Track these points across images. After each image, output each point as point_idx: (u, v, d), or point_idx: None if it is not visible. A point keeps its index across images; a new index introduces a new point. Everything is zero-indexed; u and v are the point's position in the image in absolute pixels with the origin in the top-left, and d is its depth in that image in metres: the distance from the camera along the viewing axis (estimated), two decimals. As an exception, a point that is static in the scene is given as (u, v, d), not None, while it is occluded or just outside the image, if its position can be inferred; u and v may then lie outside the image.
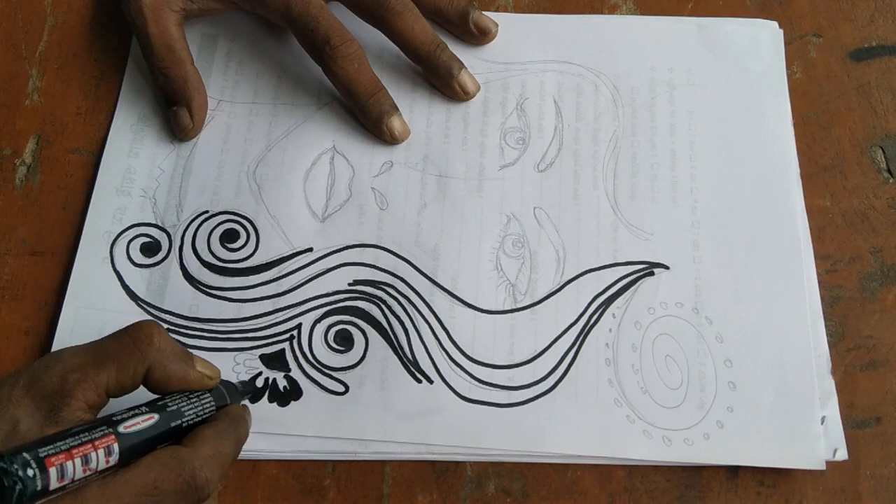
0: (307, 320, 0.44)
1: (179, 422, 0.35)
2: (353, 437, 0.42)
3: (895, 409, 0.43)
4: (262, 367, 0.43)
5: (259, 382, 0.43)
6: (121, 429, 0.32)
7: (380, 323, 0.44)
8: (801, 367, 0.43)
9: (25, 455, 0.28)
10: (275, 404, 0.43)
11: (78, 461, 0.30)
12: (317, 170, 0.48)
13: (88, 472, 0.30)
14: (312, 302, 0.45)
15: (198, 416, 0.36)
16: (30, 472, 0.28)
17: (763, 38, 0.52)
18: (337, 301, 0.45)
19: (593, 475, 0.42)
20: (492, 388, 0.43)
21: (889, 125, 0.50)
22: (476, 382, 0.43)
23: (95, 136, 0.49)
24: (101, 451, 0.31)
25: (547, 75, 0.50)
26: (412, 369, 0.43)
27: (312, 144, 0.49)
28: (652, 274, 0.45)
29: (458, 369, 0.43)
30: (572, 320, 0.44)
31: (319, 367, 0.43)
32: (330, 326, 0.44)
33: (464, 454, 0.42)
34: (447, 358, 0.44)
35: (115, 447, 0.31)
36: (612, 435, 0.42)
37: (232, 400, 0.39)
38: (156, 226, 0.46)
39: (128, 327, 0.36)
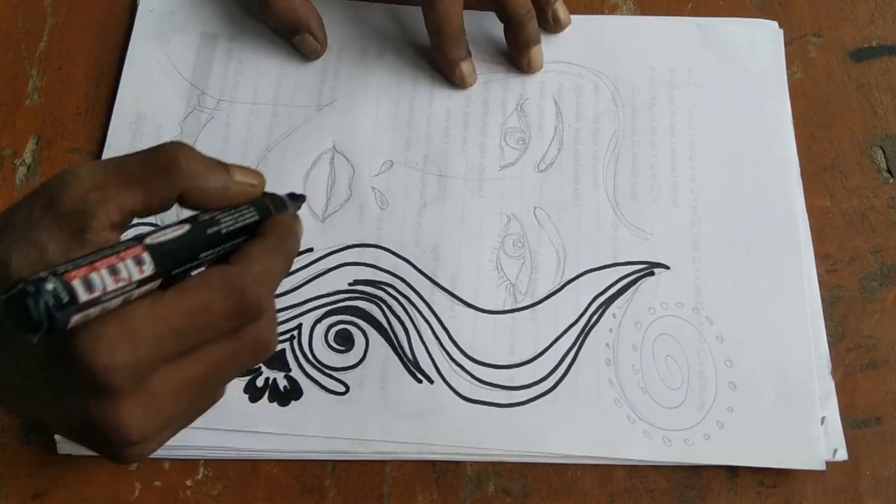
0: (307, 320, 0.44)
1: (217, 229, 0.32)
2: (353, 436, 0.42)
3: (895, 409, 0.43)
4: (262, 367, 0.43)
5: (259, 382, 0.43)
6: (148, 240, 0.29)
7: (380, 323, 0.44)
8: (801, 368, 0.43)
9: (43, 274, 0.26)
10: (275, 404, 0.43)
11: (105, 272, 0.27)
12: (317, 170, 0.48)
13: (122, 283, 0.28)
14: (313, 302, 0.45)
15: (237, 222, 0.33)
16: (49, 286, 0.26)
17: (763, 38, 0.52)
18: (337, 301, 0.45)
19: (593, 475, 0.42)
20: (492, 388, 0.43)
21: (889, 125, 0.50)
22: (476, 382, 0.43)
23: (95, 136, 0.49)
24: (129, 262, 0.28)
25: (547, 75, 0.50)
26: (412, 369, 0.43)
27: (312, 144, 0.49)
28: (652, 274, 0.45)
29: (458, 369, 0.43)
30: (572, 320, 0.44)
31: (320, 366, 0.43)
32: (330, 326, 0.44)
33: (464, 454, 0.42)
34: (447, 358, 0.44)
35: (146, 257, 0.29)
36: (612, 435, 0.42)
37: (277, 210, 0.35)
38: (155, 226, 0.46)
39: (153, 149, 0.32)
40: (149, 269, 0.29)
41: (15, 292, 0.25)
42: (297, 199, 0.38)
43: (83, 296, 0.26)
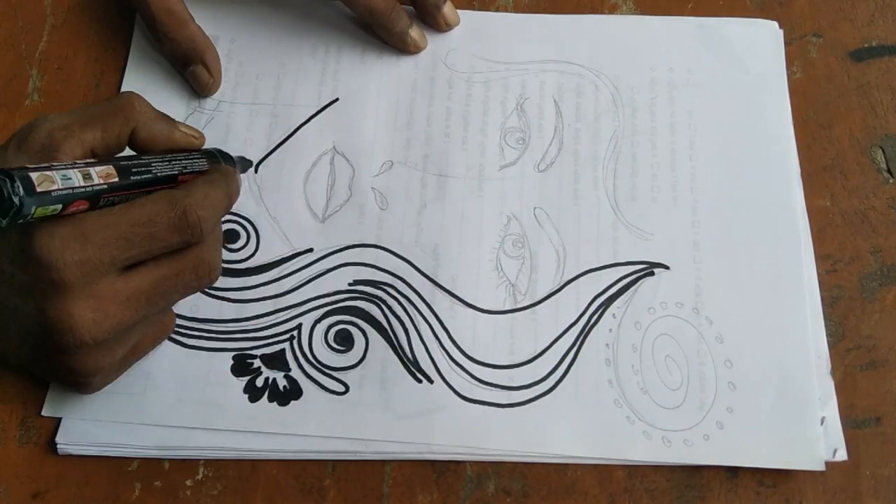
0: (307, 320, 0.44)
1: (173, 155, 0.38)
2: (353, 436, 0.42)
3: (895, 409, 0.43)
4: (262, 367, 0.43)
5: (259, 382, 0.43)
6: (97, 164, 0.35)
7: (380, 323, 0.44)
8: (801, 368, 0.43)
9: (12, 169, 0.31)
10: (275, 404, 0.43)
11: (56, 174, 0.32)
12: (317, 170, 0.48)
13: (78, 182, 0.33)
14: (313, 302, 0.45)
15: (186, 168, 0.39)
16: (18, 174, 0.31)
17: (763, 38, 0.51)
18: (337, 301, 0.45)
19: (593, 475, 0.42)
20: (492, 388, 0.43)
21: (889, 125, 0.50)
22: (476, 382, 0.43)
23: (95, 136, 0.49)
24: (87, 168, 0.34)
25: (547, 75, 0.50)
26: (412, 369, 0.43)
27: (312, 145, 0.49)
28: (652, 274, 0.45)
29: (458, 369, 0.43)
30: (572, 320, 0.44)
31: (320, 366, 0.43)
32: (330, 326, 0.44)
33: (464, 454, 0.42)
34: (447, 358, 0.44)
35: (92, 172, 0.34)
36: (611, 436, 0.42)
37: (224, 163, 0.42)
38: None
39: (111, 97, 0.38)
40: (94, 182, 0.34)
41: None
42: (245, 162, 0.45)
43: (45, 186, 0.32)
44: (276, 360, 0.44)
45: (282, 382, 0.43)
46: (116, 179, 0.35)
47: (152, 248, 0.36)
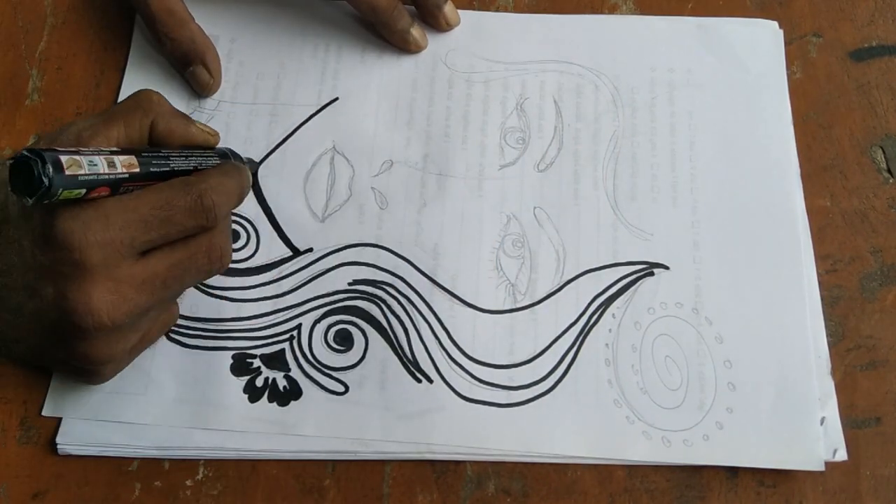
0: (307, 320, 0.44)
1: (190, 151, 0.40)
2: (353, 436, 0.42)
3: (895, 409, 0.43)
4: (261, 367, 0.43)
5: (259, 382, 0.43)
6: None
7: (380, 322, 0.44)
8: (801, 368, 0.43)
9: (42, 148, 0.33)
10: (274, 404, 0.43)
11: (84, 160, 0.34)
12: (317, 170, 0.48)
13: (94, 176, 0.34)
14: (312, 302, 0.45)
15: (200, 164, 0.41)
16: (48, 155, 0.32)
17: (763, 38, 0.51)
18: (337, 301, 0.45)
19: (593, 475, 0.42)
20: (492, 388, 0.43)
21: (889, 125, 0.50)
22: (476, 382, 0.43)
23: (95, 136, 0.49)
24: (111, 156, 0.35)
25: (547, 75, 0.50)
26: (412, 369, 0.43)
27: (312, 144, 0.49)
28: (652, 274, 0.45)
29: (458, 369, 0.43)
30: (572, 320, 0.44)
31: (319, 366, 0.43)
32: (330, 326, 0.44)
33: (463, 454, 0.42)
34: (447, 357, 0.44)
35: (117, 160, 0.35)
36: (611, 436, 0.42)
37: (235, 160, 0.44)
38: None
39: (131, 94, 0.40)
40: (125, 164, 0.36)
41: (21, 158, 0.32)
42: (253, 164, 0.47)
43: (73, 169, 0.33)
44: (276, 360, 0.44)
45: (281, 382, 0.43)
46: (137, 170, 0.36)
47: (169, 231, 0.37)
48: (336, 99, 0.50)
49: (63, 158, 0.33)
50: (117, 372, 0.41)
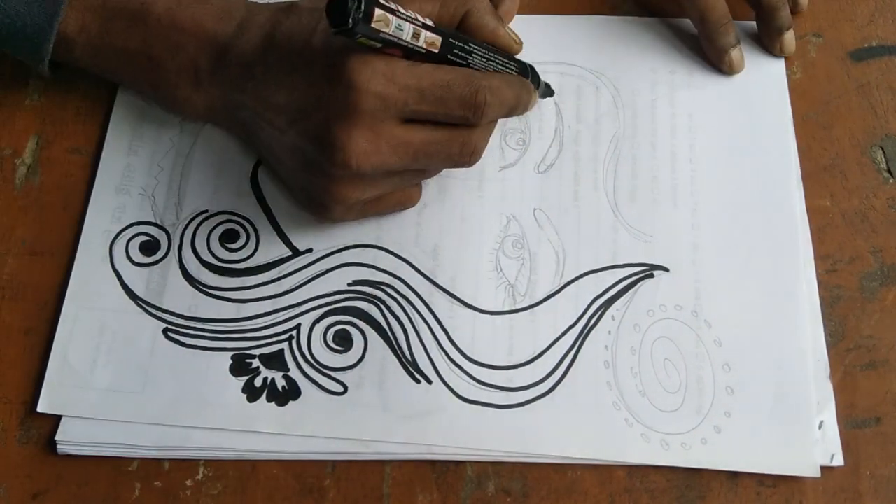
0: (306, 320, 0.44)
1: (494, 48, 0.42)
2: (353, 437, 0.42)
3: (895, 409, 0.43)
4: (260, 367, 0.43)
5: (257, 382, 0.43)
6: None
7: (379, 323, 0.44)
8: (799, 373, 0.43)
9: None
10: (273, 404, 0.43)
11: (394, 20, 0.36)
12: (317, 170, 0.48)
13: (394, 39, 0.37)
14: (312, 302, 0.45)
15: (496, 70, 0.42)
16: (360, 11, 0.35)
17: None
18: (336, 301, 0.45)
19: (593, 475, 0.42)
20: (491, 389, 0.43)
21: (889, 125, 0.50)
22: (475, 383, 0.43)
23: (95, 136, 0.49)
24: (411, 27, 0.37)
25: (547, 76, 0.50)
26: (411, 370, 0.43)
27: (312, 144, 0.49)
28: (651, 276, 0.45)
29: (457, 370, 0.43)
30: (571, 322, 0.44)
31: (318, 367, 0.43)
32: (329, 326, 0.44)
33: (463, 455, 0.42)
34: (446, 358, 0.44)
35: (423, 35, 0.38)
36: (610, 438, 0.42)
37: (529, 78, 0.45)
38: (155, 224, 0.46)
39: None
40: (429, 42, 0.39)
41: None
42: (548, 90, 0.49)
43: (380, 25, 0.36)
44: (275, 360, 0.44)
45: (280, 382, 0.43)
46: (436, 51, 0.39)
47: (438, 111, 0.40)
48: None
49: (377, 12, 0.35)
50: (344, 218, 0.45)
